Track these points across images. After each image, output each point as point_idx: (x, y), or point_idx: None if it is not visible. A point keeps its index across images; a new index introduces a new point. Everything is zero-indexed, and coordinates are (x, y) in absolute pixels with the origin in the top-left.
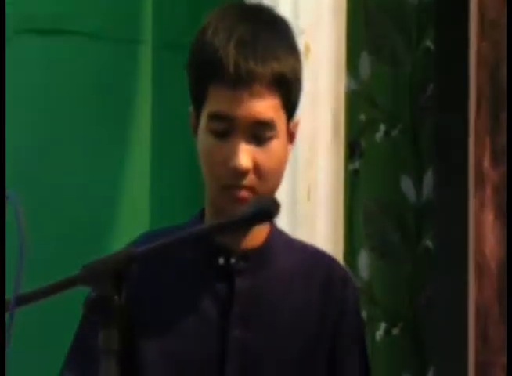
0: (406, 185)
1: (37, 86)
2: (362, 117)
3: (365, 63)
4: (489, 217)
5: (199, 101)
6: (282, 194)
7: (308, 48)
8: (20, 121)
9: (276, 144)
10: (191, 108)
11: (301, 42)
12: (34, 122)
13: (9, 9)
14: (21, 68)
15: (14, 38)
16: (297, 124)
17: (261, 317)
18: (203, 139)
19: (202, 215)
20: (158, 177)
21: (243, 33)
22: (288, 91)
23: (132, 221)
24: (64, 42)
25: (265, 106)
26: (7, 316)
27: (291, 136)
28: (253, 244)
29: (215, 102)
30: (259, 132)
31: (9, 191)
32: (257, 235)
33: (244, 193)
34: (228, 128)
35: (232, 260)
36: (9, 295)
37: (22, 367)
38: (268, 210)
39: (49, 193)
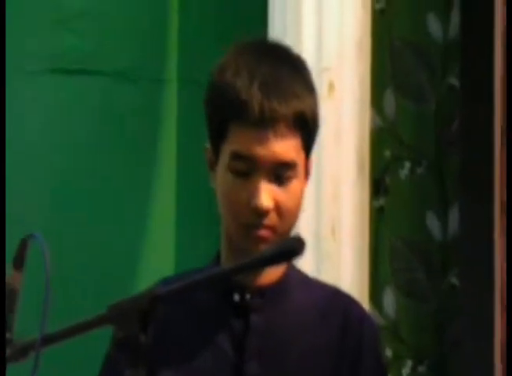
0: (432, 221)
1: (61, 126)
2: (387, 153)
3: (390, 99)
4: None
5: (218, 139)
6: (306, 231)
7: (331, 86)
8: (45, 162)
9: (296, 184)
10: (207, 144)
11: (324, 80)
12: (57, 163)
13: (36, 48)
14: (46, 107)
15: (40, 77)
16: (312, 162)
17: (275, 353)
18: (223, 177)
19: (218, 255)
20: (183, 221)
21: (265, 74)
22: (308, 130)
23: (157, 266)
24: (90, 82)
25: (287, 147)
26: (35, 355)
27: (307, 174)
28: (269, 281)
29: (237, 141)
30: (280, 172)
31: (35, 234)
32: (274, 272)
33: (265, 232)
34: (250, 168)
35: (247, 296)
36: (35, 335)
37: None
38: (294, 248)
39: (74, 239)
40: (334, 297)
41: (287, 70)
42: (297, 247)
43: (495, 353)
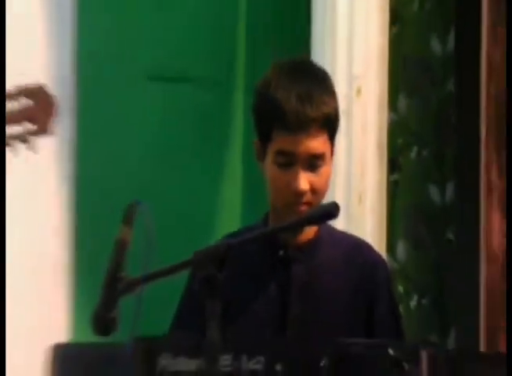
0: (434, 191)
1: (155, 126)
2: (400, 140)
3: (402, 100)
4: (496, 216)
5: (264, 139)
6: (339, 199)
7: (359, 90)
8: (140, 154)
9: (325, 169)
10: (256, 140)
11: (354, 85)
12: (151, 155)
13: (137, 57)
14: (144, 111)
15: (140, 84)
16: (335, 147)
17: (312, 295)
18: (271, 168)
19: (266, 217)
20: (248, 206)
21: (298, 87)
22: (333, 126)
23: (227, 225)
24: (176, 88)
25: (318, 143)
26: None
27: (332, 156)
28: (306, 238)
29: (280, 141)
30: (313, 162)
31: (140, 201)
32: (309, 231)
33: (303, 208)
34: (291, 161)
35: (290, 251)
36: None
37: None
38: (332, 211)
39: (168, 202)
40: (357, 246)
41: (315, 83)
42: (334, 210)
43: (480, 291)
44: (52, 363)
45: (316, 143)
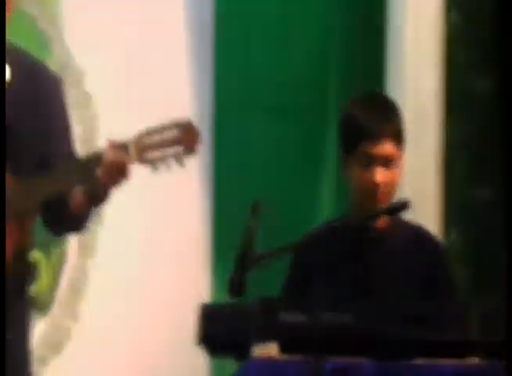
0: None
1: (274, 146)
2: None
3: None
4: None
5: (350, 149)
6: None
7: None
8: (264, 169)
9: (396, 169)
10: (342, 152)
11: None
12: (272, 169)
13: (236, 88)
14: (266, 135)
15: (245, 115)
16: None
17: (388, 272)
18: (355, 171)
19: (346, 216)
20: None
21: (376, 110)
22: (402, 138)
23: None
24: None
25: (390, 148)
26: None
27: (401, 162)
28: (383, 225)
29: (363, 148)
30: (387, 163)
31: (259, 201)
32: (385, 219)
33: (380, 197)
34: (370, 162)
35: (370, 235)
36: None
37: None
38: (406, 205)
39: (282, 203)
40: (420, 232)
41: (388, 107)
42: (407, 204)
43: None
44: (200, 319)
45: (388, 148)
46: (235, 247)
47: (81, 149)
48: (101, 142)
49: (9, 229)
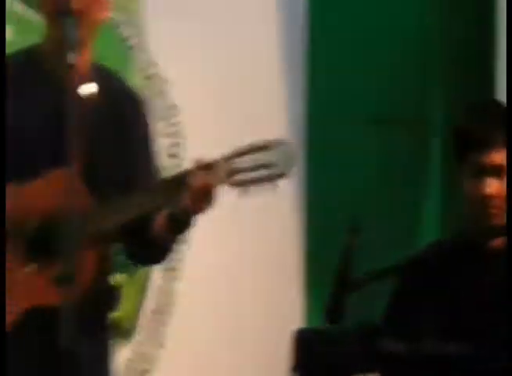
0: None
1: (374, 158)
2: None
3: None
4: None
5: (460, 160)
6: None
7: None
8: (361, 180)
9: (506, 178)
10: (455, 162)
11: None
12: (371, 181)
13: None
14: (366, 147)
15: (340, 129)
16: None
17: (495, 280)
18: (467, 182)
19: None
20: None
21: (487, 119)
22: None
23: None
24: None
25: (502, 157)
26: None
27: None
28: (497, 243)
29: (475, 158)
30: (500, 174)
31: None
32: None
33: (493, 211)
34: (482, 171)
35: (483, 250)
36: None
37: None
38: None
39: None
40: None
41: (498, 115)
42: None
43: None
44: (295, 345)
45: (501, 158)
46: (330, 270)
47: (164, 161)
48: (185, 153)
49: (88, 254)
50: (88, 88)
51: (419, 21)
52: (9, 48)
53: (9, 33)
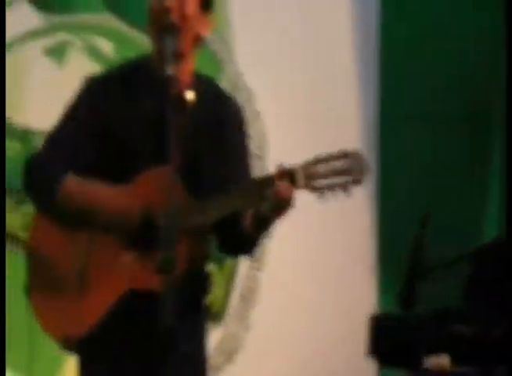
0: None
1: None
2: None
3: None
4: None
5: None
6: None
7: None
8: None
9: None
10: None
11: None
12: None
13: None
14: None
15: (410, 126)
16: None
17: None
18: None
19: None
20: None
21: None
22: None
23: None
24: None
25: None
26: None
27: None
28: None
29: None
30: None
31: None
32: None
33: None
34: None
35: None
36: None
37: None
38: None
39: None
40: None
41: None
42: None
43: None
44: (370, 330)
45: None
46: (401, 261)
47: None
48: (269, 158)
49: (183, 244)
50: (189, 95)
51: (484, 28)
52: (109, 63)
53: (109, 49)
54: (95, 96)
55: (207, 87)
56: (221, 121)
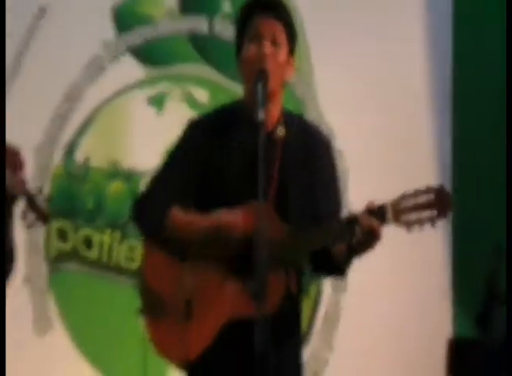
0: None
1: None
2: None
3: None
4: None
5: None
6: None
7: None
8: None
9: None
10: None
11: None
12: None
13: None
14: None
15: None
16: None
17: None
18: None
19: None
20: None
21: None
22: None
23: None
24: None
25: None
26: None
27: None
28: None
29: None
30: None
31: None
32: None
33: None
34: None
35: None
36: None
37: None
38: None
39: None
40: None
41: None
42: None
43: None
44: (450, 350)
45: None
46: (476, 290)
47: None
48: (351, 197)
49: (280, 274)
50: (280, 131)
51: None
52: (204, 110)
53: (205, 96)
54: (196, 135)
55: (297, 122)
56: (313, 157)
